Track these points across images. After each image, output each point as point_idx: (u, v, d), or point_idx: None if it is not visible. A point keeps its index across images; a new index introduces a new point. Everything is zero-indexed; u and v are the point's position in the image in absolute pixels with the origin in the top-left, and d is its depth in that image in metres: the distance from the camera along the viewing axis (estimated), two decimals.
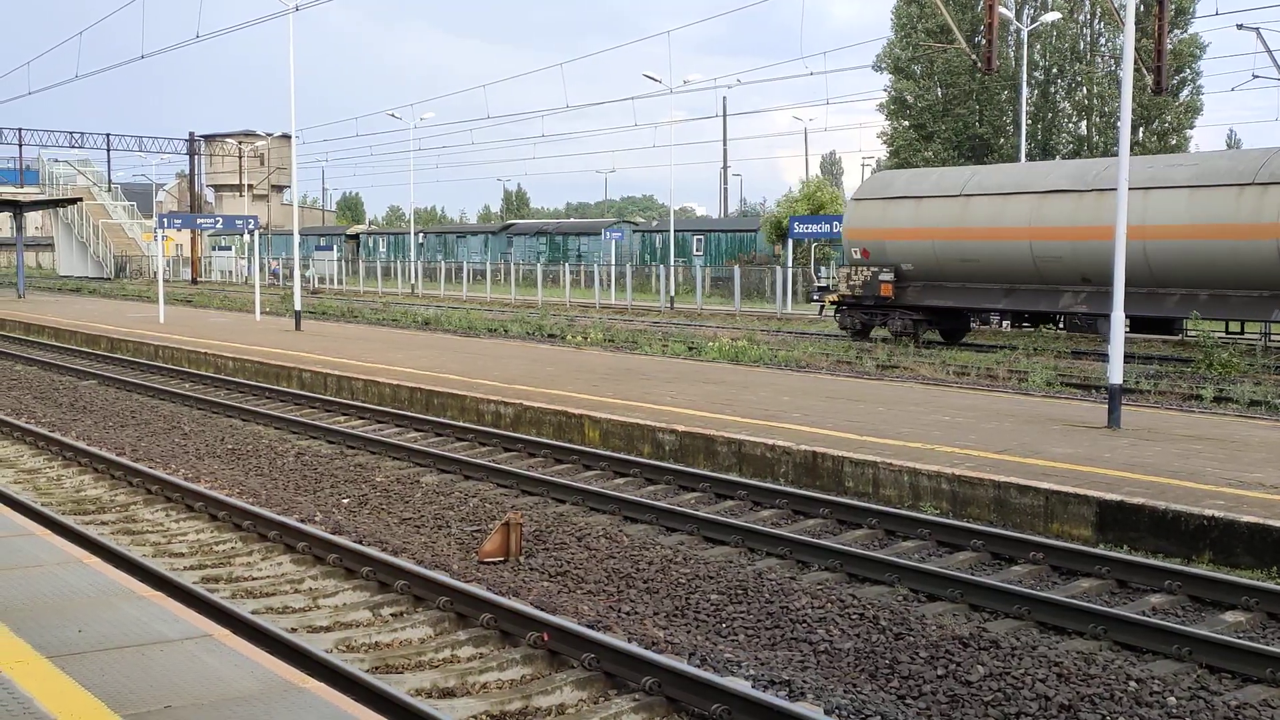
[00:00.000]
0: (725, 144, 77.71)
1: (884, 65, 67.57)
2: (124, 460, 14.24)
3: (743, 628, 8.56)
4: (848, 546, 10.29)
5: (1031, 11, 61.65)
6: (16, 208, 54.72)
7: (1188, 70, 61.13)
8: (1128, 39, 15.10)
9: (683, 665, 7.25)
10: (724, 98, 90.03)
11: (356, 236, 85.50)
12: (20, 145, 79.88)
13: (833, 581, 9.63)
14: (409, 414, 17.79)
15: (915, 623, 8.44)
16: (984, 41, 17.03)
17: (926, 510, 11.76)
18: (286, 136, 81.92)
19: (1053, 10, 49.60)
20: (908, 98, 67.22)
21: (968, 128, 65.58)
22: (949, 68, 64.40)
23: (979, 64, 19.58)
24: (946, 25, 56.53)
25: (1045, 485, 11.15)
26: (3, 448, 15.90)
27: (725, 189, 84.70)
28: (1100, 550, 10.15)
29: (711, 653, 7.95)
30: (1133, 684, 7.34)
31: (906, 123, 67.66)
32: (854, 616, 8.64)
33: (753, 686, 7.14)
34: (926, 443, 13.43)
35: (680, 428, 14.57)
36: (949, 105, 65.84)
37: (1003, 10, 31.65)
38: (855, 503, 11.87)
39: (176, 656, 5.62)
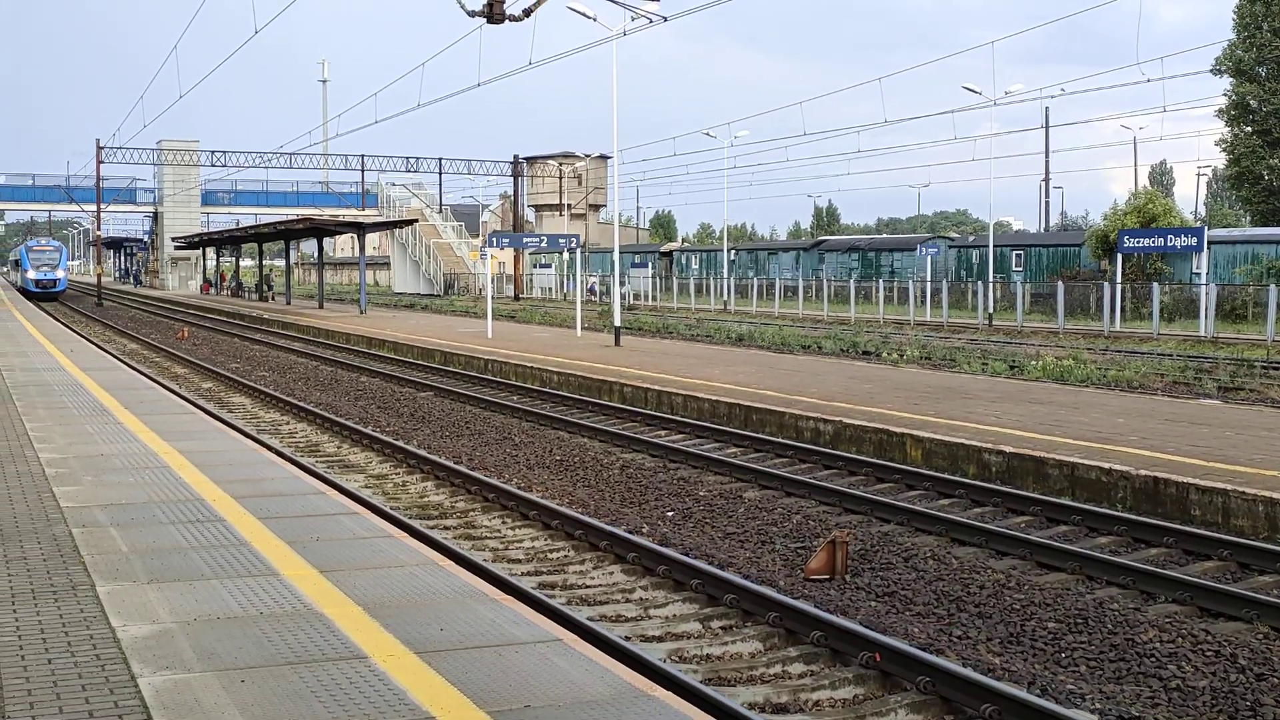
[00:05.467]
0: (1047, 155, 75.09)
1: (1224, 68, 63.48)
2: (461, 468, 15.01)
3: (1084, 658, 8.20)
4: (1198, 579, 9.70)
5: None
6: (360, 229, 58.56)
7: None
8: None
9: (1024, 694, 7.01)
10: (1046, 108, 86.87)
11: (670, 254, 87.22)
12: (363, 171, 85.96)
13: (1182, 615, 9.09)
14: (728, 429, 17.97)
15: (1279, 664, 7.87)
16: None
17: None
18: (603, 157, 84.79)
19: None
20: (1251, 102, 62.83)
21: None
22: None
23: None
24: None
25: None
26: (354, 454, 17.07)
27: (1046, 202, 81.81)
28: None
29: (1051, 683, 7.65)
30: None
31: (1249, 129, 63.28)
32: (1208, 653, 8.14)
33: None
34: None
35: (1008, 448, 14.12)
36: None
37: None
38: (1203, 532, 11.18)
39: (530, 658, 5.87)
